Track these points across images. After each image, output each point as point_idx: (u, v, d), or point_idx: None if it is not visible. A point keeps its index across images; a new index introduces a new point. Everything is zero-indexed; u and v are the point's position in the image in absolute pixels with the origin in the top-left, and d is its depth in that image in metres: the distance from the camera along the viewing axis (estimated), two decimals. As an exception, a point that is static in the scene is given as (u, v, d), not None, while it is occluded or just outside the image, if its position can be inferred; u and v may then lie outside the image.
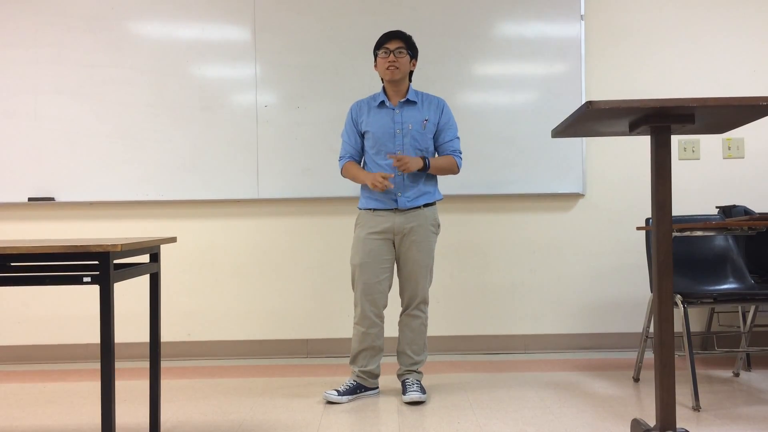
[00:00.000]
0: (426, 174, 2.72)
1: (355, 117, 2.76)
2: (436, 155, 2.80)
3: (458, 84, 3.49)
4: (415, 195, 2.69)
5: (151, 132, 3.48)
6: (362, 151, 2.78)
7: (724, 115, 1.72)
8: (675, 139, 3.58)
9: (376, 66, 2.73)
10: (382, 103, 2.72)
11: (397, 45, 2.66)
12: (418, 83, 3.48)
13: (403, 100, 2.71)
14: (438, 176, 2.82)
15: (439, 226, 2.79)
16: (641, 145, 3.60)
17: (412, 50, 2.72)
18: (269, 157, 3.49)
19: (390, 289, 2.79)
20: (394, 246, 2.73)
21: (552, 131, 1.95)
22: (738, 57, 3.57)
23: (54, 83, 3.48)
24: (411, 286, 2.73)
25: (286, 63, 3.48)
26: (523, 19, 3.49)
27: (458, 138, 2.79)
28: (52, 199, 3.47)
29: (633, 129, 1.83)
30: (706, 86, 3.58)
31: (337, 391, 2.70)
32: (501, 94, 3.50)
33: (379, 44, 2.69)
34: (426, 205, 2.72)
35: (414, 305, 2.74)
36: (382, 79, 2.75)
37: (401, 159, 2.55)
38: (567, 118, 1.79)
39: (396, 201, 2.68)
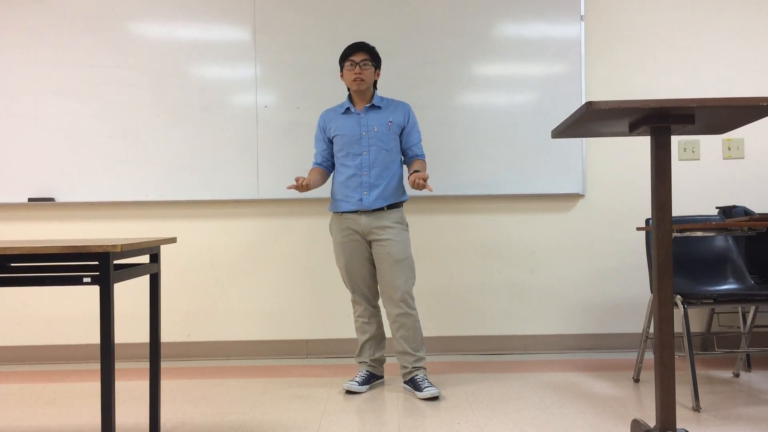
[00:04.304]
0: (390, 176, 2.80)
1: (323, 125, 2.89)
2: (401, 154, 2.89)
3: (458, 84, 3.49)
4: (378, 196, 2.77)
5: (151, 132, 3.48)
6: (331, 157, 2.90)
7: (724, 115, 1.72)
8: (675, 140, 3.58)
9: (342, 76, 2.84)
10: (348, 109, 2.84)
11: (362, 57, 2.77)
12: (419, 83, 3.48)
13: (368, 105, 2.82)
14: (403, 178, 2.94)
15: (406, 224, 2.85)
16: (641, 145, 3.60)
17: (376, 61, 2.83)
18: (269, 157, 3.49)
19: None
20: (369, 244, 2.84)
21: (552, 132, 1.95)
22: (738, 57, 3.57)
23: (54, 83, 3.48)
24: (390, 280, 2.77)
25: (286, 63, 3.48)
26: (523, 19, 3.49)
27: (421, 140, 2.92)
28: (52, 199, 3.47)
29: (633, 129, 1.83)
30: (706, 86, 3.58)
31: (357, 382, 2.83)
32: (501, 95, 3.50)
33: (345, 56, 2.80)
34: (390, 207, 2.79)
35: (398, 299, 2.76)
36: (348, 88, 2.86)
37: (425, 178, 2.59)
38: (567, 119, 1.79)
39: (361, 201, 2.76)
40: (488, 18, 3.49)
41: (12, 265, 1.89)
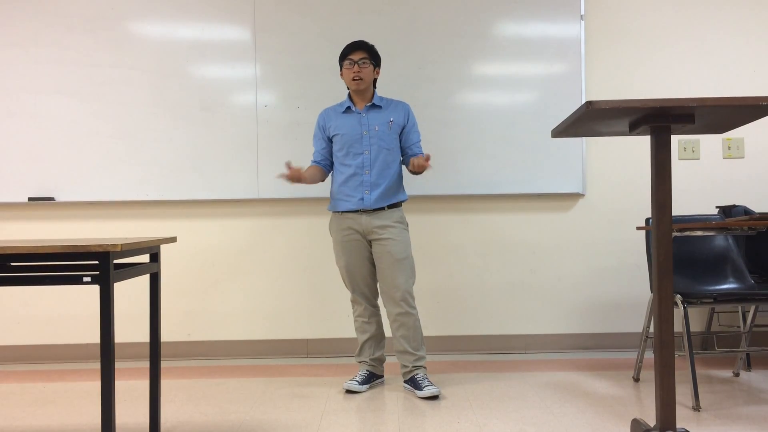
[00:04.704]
0: (391, 175, 2.81)
1: (322, 124, 2.88)
2: (401, 153, 2.89)
3: (458, 84, 3.49)
4: (379, 196, 2.77)
5: (151, 132, 3.48)
6: (330, 156, 2.89)
7: (723, 115, 1.72)
8: (675, 139, 3.58)
9: (341, 75, 2.84)
10: (348, 108, 2.84)
11: (360, 56, 2.77)
12: (418, 83, 3.49)
13: (368, 104, 2.82)
14: (404, 176, 2.97)
15: (407, 224, 2.86)
16: (641, 145, 3.60)
17: (375, 60, 2.83)
18: (269, 157, 3.49)
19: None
20: (369, 244, 2.84)
21: (552, 131, 1.95)
22: (738, 57, 3.57)
23: (54, 83, 3.48)
24: (390, 279, 2.77)
25: (286, 63, 3.48)
26: (523, 19, 3.49)
27: (420, 140, 2.92)
28: (52, 199, 3.47)
29: (633, 129, 1.83)
30: (706, 86, 3.58)
31: (357, 381, 2.83)
32: (501, 94, 3.50)
33: (344, 55, 2.80)
34: (390, 206, 2.80)
35: (399, 298, 2.77)
36: (348, 87, 2.85)
37: (427, 158, 2.64)
38: (567, 118, 1.79)
39: (362, 200, 2.76)
40: (488, 18, 3.49)
41: (12, 264, 1.89)
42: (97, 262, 1.80)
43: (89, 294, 3.57)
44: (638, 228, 2.82)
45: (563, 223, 3.59)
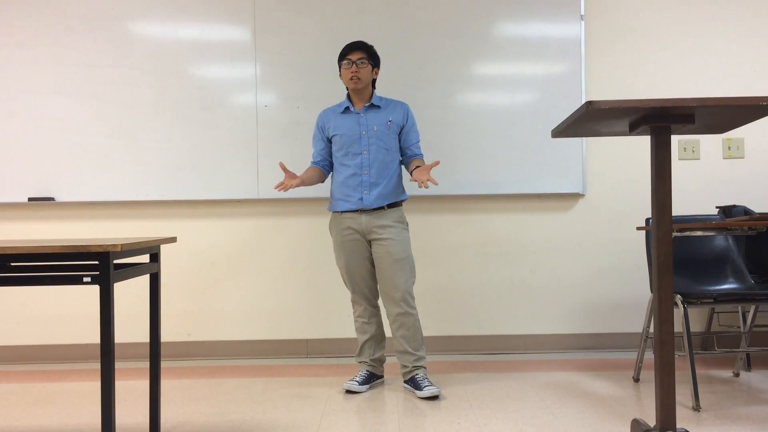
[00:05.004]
0: (390, 175, 2.81)
1: (322, 125, 2.89)
2: (400, 153, 2.90)
3: (458, 84, 3.49)
4: (378, 195, 2.78)
5: (151, 132, 3.48)
6: (329, 156, 2.90)
7: (724, 115, 1.72)
8: (675, 139, 3.58)
9: (340, 75, 2.84)
10: (347, 108, 2.84)
11: (359, 56, 2.77)
12: (418, 83, 3.48)
13: (367, 104, 2.83)
14: (403, 176, 2.95)
15: (407, 223, 2.86)
16: (641, 145, 3.60)
17: (373, 60, 2.83)
18: (269, 157, 3.49)
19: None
20: (369, 244, 2.84)
21: (552, 131, 1.95)
22: (738, 57, 3.57)
23: (54, 83, 3.48)
24: (390, 279, 2.77)
25: (286, 63, 3.48)
26: (523, 19, 3.49)
27: (419, 140, 2.92)
28: (52, 199, 3.47)
29: (633, 129, 1.83)
30: (706, 86, 3.58)
31: (357, 381, 2.84)
32: (501, 94, 3.50)
33: (342, 55, 2.81)
34: (390, 206, 2.80)
35: (399, 298, 2.77)
36: (347, 87, 2.86)
37: (428, 169, 2.65)
38: (567, 118, 1.79)
39: (362, 200, 2.76)
40: (488, 18, 3.49)
41: (12, 264, 1.89)
42: (97, 262, 1.80)
43: (89, 294, 3.57)
44: (638, 228, 2.82)
45: (563, 223, 3.59)
